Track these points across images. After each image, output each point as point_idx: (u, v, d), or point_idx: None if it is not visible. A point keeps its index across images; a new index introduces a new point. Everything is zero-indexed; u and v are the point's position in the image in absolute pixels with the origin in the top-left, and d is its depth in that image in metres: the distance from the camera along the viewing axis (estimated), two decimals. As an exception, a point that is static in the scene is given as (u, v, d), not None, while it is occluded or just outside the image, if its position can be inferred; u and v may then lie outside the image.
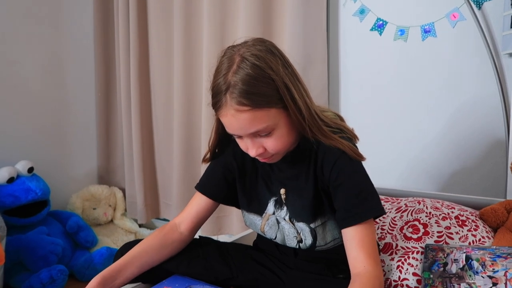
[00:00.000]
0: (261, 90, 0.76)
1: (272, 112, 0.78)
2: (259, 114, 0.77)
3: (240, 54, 0.78)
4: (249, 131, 0.79)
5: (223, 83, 0.77)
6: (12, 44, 2.04)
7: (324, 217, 0.91)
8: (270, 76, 0.76)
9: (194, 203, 1.02)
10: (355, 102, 1.65)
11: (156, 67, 2.14)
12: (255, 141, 0.82)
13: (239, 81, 0.75)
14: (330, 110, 0.95)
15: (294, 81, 0.80)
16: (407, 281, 1.08)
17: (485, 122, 1.41)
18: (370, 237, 0.83)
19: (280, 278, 0.99)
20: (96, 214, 2.24)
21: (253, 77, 0.76)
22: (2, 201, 1.80)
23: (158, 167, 2.25)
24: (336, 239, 0.92)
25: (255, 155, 0.83)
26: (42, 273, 1.64)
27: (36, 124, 2.16)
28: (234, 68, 0.77)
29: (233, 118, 0.78)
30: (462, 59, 1.42)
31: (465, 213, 1.22)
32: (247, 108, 0.76)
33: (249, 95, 0.75)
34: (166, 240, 0.98)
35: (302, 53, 1.61)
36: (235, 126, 0.79)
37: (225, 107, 0.77)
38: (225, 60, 0.79)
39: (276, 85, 0.77)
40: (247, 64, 0.76)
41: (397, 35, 1.53)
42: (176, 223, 1.01)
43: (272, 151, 0.83)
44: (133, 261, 0.93)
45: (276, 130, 0.80)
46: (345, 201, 0.85)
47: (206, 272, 1.00)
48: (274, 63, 0.77)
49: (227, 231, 1.96)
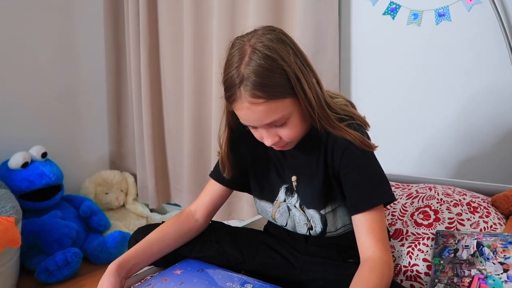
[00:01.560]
0: (275, 81, 0.76)
1: (286, 102, 0.78)
2: (274, 106, 0.77)
3: (251, 45, 0.77)
4: (264, 122, 0.79)
5: (236, 76, 0.76)
6: (24, 32, 2.05)
7: (334, 204, 0.91)
8: (282, 66, 0.76)
9: (209, 190, 1.03)
10: (366, 88, 1.64)
11: (166, 53, 2.14)
12: (270, 131, 0.82)
13: (252, 73, 0.75)
14: (342, 96, 0.94)
15: (305, 70, 0.79)
16: (417, 266, 1.08)
17: (500, 109, 1.38)
18: (379, 224, 0.83)
19: (291, 263, 1.00)
20: (108, 199, 2.27)
21: (266, 68, 0.75)
22: (17, 186, 1.84)
23: (169, 153, 2.27)
24: (346, 225, 0.93)
25: (270, 145, 0.83)
26: (57, 256, 1.68)
27: (48, 110, 2.19)
28: (246, 60, 0.76)
29: (249, 110, 0.77)
30: (478, 44, 1.39)
31: (477, 200, 1.21)
32: (262, 101, 0.76)
33: (263, 87, 0.75)
34: (183, 229, 1.00)
35: (314, 39, 1.60)
36: (251, 118, 0.79)
37: (240, 100, 0.77)
38: (236, 52, 0.78)
39: (288, 75, 0.77)
40: (259, 56, 0.75)
41: (410, 19, 1.50)
42: (191, 210, 1.03)
43: (287, 140, 0.84)
44: (150, 248, 0.95)
45: (291, 119, 0.81)
46: (355, 188, 0.85)
47: (218, 256, 1.01)
48: (286, 53, 0.77)
49: (238, 216, 1.98)
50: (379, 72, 1.60)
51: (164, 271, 0.97)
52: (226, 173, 0.97)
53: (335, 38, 1.60)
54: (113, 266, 0.89)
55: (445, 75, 1.47)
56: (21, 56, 2.05)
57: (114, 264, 0.90)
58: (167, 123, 2.24)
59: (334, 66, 1.61)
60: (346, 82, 1.67)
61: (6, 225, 1.45)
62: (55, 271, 1.67)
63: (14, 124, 2.04)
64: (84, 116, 2.36)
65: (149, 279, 0.96)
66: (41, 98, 2.15)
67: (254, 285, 0.89)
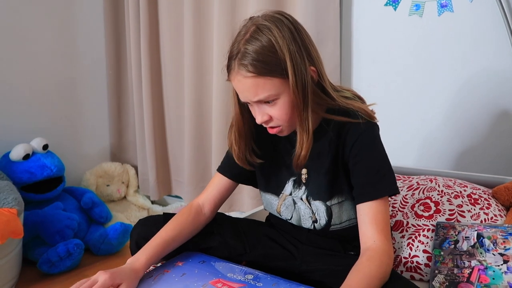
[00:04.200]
0: (266, 59, 0.79)
1: (275, 82, 0.81)
2: (262, 82, 0.81)
3: (255, 24, 0.83)
4: (252, 98, 0.83)
5: (235, 49, 0.82)
6: (24, 23, 2.04)
7: (341, 196, 0.92)
8: (275, 47, 0.80)
9: (216, 184, 1.04)
10: (367, 80, 1.63)
11: (166, 44, 2.13)
12: (261, 107, 0.85)
13: (248, 48, 0.80)
14: (351, 91, 0.94)
15: (297, 56, 0.81)
16: (417, 258, 1.09)
17: (501, 102, 1.38)
18: (383, 214, 0.84)
19: (292, 253, 1.01)
20: (109, 191, 2.28)
21: (262, 46, 0.80)
22: (19, 177, 1.84)
23: (170, 145, 2.27)
24: (351, 219, 0.93)
25: (260, 122, 0.86)
26: (59, 247, 1.69)
27: (49, 102, 2.18)
28: (247, 37, 0.82)
29: (239, 83, 0.83)
30: (480, 35, 1.38)
31: (477, 192, 1.21)
32: (251, 75, 0.80)
33: (254, 61, 0.79)
34: (195, 224, 1.01)
35: (315, 30, 1.59)
36: (241, 91, 0.84)
37: (233, 71, 0.83)
38: (243, 29, 0.84)
39: (279, 57, 0.80)
40: (259, 34, 0.81)
41: (412, 10, 1.49)
42: (199, 204, 1.03)
43: (277, 120, 0.86)
44: (168, 246, 0.95)
45: (280, 100, 0.83)
46: (363, 177, 0.87)
47: (219, 247, 1.02)
48: (282, 36, 0.80)
49: (238, 208, 1.98)
50: (380, 63, 1.59)
51: (166, 263, 0.98)
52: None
53: (336, 29, 1.59)
54: (140, 267, 0.89)
55: (446, 67, 1.46)
56: (21, 48, 2.04)
57: (141, 265, 0.89)
58: (168, 115, 2.23)
59: (335, 57, 1.60)
60: (347, 73, 1.66)
61: (8, 217, 1.46)
62: (57, 262, 1.68)
63: (15, 116, 2.03)
64: (85, 108, 2.36)
65: (151, 271, 0.96)
66: (42, 90, 2.14)
67: (255, 276, 0.90)
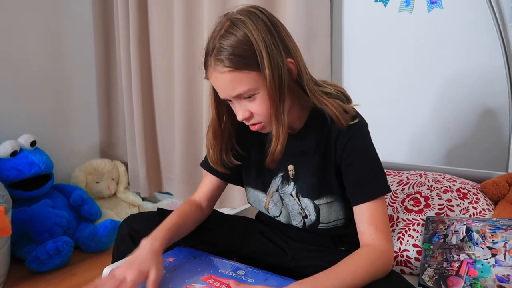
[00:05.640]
0: (243, 53, 0.79)
1: (253, 75, 0.80)
2: (239, 76, 0.79)
3: (229, 19, 0.82)
4: (231, 93, 0.82)
5: (211, 45, 0.81)
6: (11, 18, 2.01)
7: (331, 197, 0.91)
8: (250, 40, 0.79)
9: (207, 182, 1.05)
10: (358, 76, 1.63)
11: (156, 39, 2.11)
12: (241, 104, 0.84)
13: (223, 43, 0.79)
14: (334, 86, 0.93)
15: (273, 49, 0.80)
16: (408, 252, 1.10)
17: (489, 98, 1.39)
18: (381, 215, 0.84)
19: (283, 250, 1.01)
20: (99, 188, 2.26)
21: (237, 40, 0.79)
22: (6, 175, 1.81)
23: (160, 141, 2.25)
24: (339, 220, 0.93)
25: (241, 119, 0.85)
26: (48, 245, 1.67)
27: (37, 98, 2.15)
28: (222, 32, 0.81)
29: (216, 79, 0.82)
30: (469, 31, 1.39)
31: (466, 186, 1.23)
32: (228, 70, 0.79)
33: (230, 55, 0.78)
34: (198, 217, 1.01)
35: (305, 26, 1.58)
36: (219, 87, 0.83)
37: (210, 67, 0.82)
38: (218, 25, 0.83)
39: (255, 49, 0.79)
40: (233, 28, 0.80)
41: (402, 6, 1.50)
42: (197, 200, 1.04)
43: (258, 117, 0.84)
44: (179, 232, 0.94)
45: (260, 94, 0.82)
46: (356, 178, 0.86)
47: (211, 243, 1.01)
48: (256, 28, 0.79)
49: (229, 204, 1.98)
50: (370, 59, 1.59)
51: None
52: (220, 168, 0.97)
53: (327, 25, 1.58)
54: (161, 247, 0.86)
55: (436, 63, 1.47)
56: (8, 43, 2.01)
57: (161, 245, 0.87)
58: (158, 111, 2.22)
59: (326, 53, 1.60)
60: (337, 69, 1.67)
61: (-4, 214, 1.44)
62: (46, 260, 1.66)
63: (2, 112, 2.00)
64: (74, 104, 2.33)
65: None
66: (30, 86, 2.11)
67: (246, 272, 0.90)
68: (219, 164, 0.95)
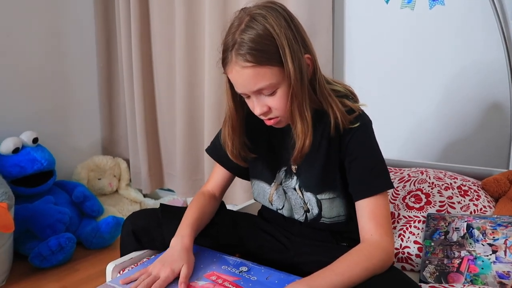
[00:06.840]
0: (263, 47, 0.79)
1: (274, 70, 0.80)
2: (261, 71, 0.79)
3: (249, 14, 0.82)
4: (252, 88, 0.82)
5: (231, 41, 0.81)
6: (11, 16, 2.01)
7: (334, 193, 0.92)
8: (272, 35, 0.79)
9: (219, 173, 1.06)
10: (359, 72, 1.63)
11: (157, 35, 2.11)
12: (259, 99, 0.84)
13: (244, 38, 0.79)
14: (343, 85, 0.93)
15: (294, 44, 0.81)
16: (409, 249, 1.10)
17: (491, 94, 1.39)
18: (382, 210, 0.84)
19: (285, 245, 1.01)
20: (101, 184, 2.26)
21: (258, 35, 0.79)
22: (8, 171, 1.82)
23: (162, 138, 2.26)
24: (340, 216, 0.94)
25: (259, 114, 0.85)
26: (51, 241, 1.68)
27: (39, 95, 2.15)
28: (242, 27, 0.80)
29: (237, 74, 0.81)
30: (470, 28, 1.39)
31: (467, 183, 1.23)
32: (250, 65, 0.79)
33: (252, 50, 0.78)
34: (213, 208, 1.04)
35: (307, 22, 1.58)
36: (240, 83, 0.82)
37: (230, 63, 0.81)
38: (236, 20, 0.83)
39: (277, 44, 0.79)
40: (254, 23, 0.80)
41: (404, 3, 1.50)
42: (210, 190, 1.06)
43: (276, 111, 0.85)
44: (200, 225, 0.98)
45: (280, 90, 0.82)
46: (359, 174, 0.87)
47: (213, 238, 1.02)
48: (278, 23, 0.80)
49: (231, 201, 1.98)
50: (372, 56, 1.59)
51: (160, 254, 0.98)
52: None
53: (329, 21, 1.58)
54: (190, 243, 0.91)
55: (437, 60, 1.47)
56: (10, 41, 2.01)
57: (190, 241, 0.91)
58: (160, 108, 2.22)
59: (328, 49, 1.60)
60: (339, 66, 1.67)
61: (-1, 211, 1.45)
62: (48, 256, 1.67)
63: (4, 109, 2.00)
64: (76, 101, 2.33)
65: (145, 262, 0.97)
66: (32, 83, 2.11)
67: (249, 268, 0.90)
68: (238, 158, 0.96)
